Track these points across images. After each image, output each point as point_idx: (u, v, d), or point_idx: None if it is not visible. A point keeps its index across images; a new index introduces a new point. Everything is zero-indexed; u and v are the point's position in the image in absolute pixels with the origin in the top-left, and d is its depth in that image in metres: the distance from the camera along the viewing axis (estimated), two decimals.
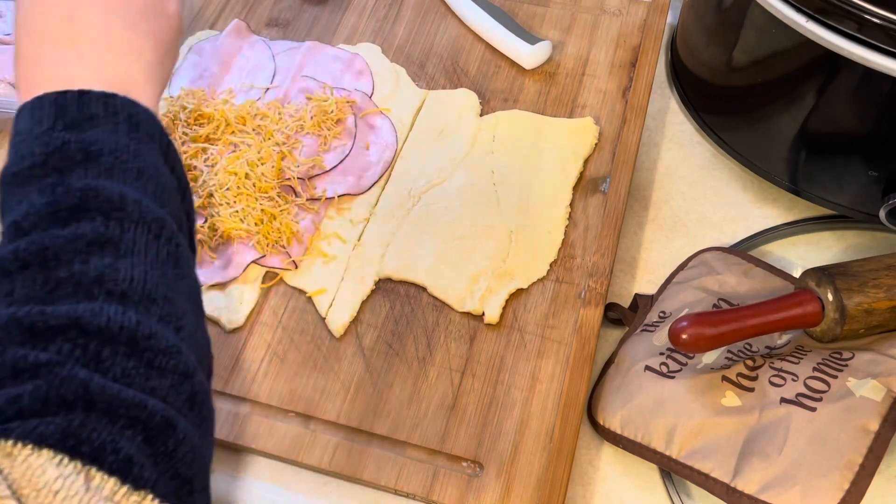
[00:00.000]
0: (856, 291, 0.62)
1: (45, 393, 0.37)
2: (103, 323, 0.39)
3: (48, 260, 0.41)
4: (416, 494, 0.61)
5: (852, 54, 0.62)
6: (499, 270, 0.70)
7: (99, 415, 0.37)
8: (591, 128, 0.78)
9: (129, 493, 0.36)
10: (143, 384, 0.40)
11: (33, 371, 0.37)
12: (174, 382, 0.41)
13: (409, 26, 0.88)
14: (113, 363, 0.39)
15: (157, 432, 0.39)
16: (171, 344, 0.41)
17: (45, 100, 0.44)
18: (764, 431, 0.60)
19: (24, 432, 0.35)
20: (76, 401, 0.37)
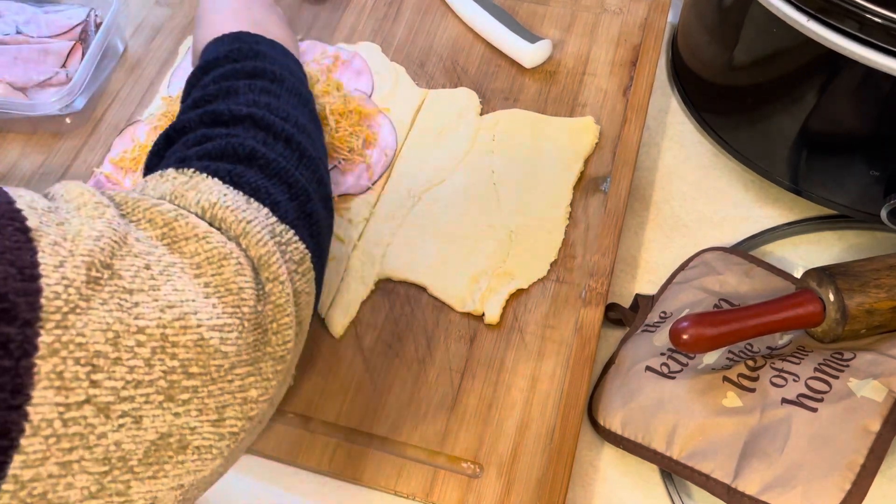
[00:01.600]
0: (857, 291, 0.62)
1: (222, 147, 0.49)
2: (271, 121, 0.52)
3: (230, 93, 0.55)
4: (415, 495, 0.61)
5: (853, 54, 0.62)
6: (499, 270, 0.70)
7: (258, 169, 0.48)
8: (591, 127, 0.78)
9: (278, 222, 0.46)
10: (294, 166, 0.51)
11: (216, 137, 0.50)
12: (313, 179, 0.52)
13: (409, 25, 0.88)
14: (275, 146, 0.51)
15: (299, 195, 0.49)
16: (316, 156, 0.53)
17: (226, 35, 0.61)
18: (765, 432, 0.60)
19: (202, 167, 0.47)
20: (244, 157, 0.49)
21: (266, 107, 0.54)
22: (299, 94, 0.58)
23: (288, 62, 0.61)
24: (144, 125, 0.79)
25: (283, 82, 0.58)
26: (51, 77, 0.81)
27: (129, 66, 0.86)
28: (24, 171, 0.78)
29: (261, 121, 0.52)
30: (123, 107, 0.83)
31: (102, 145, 0.80)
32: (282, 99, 0.56)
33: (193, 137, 0.50)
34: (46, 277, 0.35)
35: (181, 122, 0.53)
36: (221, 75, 0.57)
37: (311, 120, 0.58)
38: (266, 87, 0.56)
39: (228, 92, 0.55)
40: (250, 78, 0.57)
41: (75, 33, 0.84)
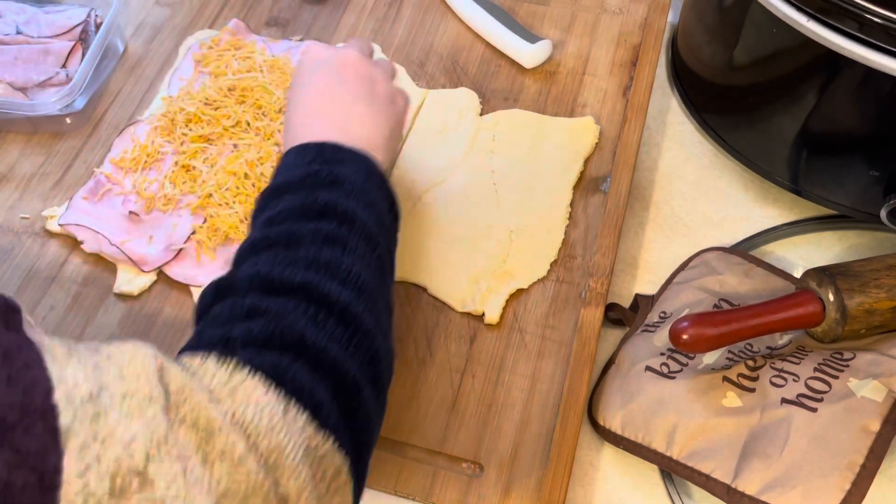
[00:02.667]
0: (857, 291, 0.62)
1: (270, 331, 0.46)
2: (325, 291, 0.49)
3: (291, 242, 0.52)
4: (415, 495, 0.61)
5: (853, 54, 0.62)
6: (499, 270, 0.70)
7: (304, 362, 0.45)
8: (591, 127, 0.78)
9: (316, 431, 0.43)
10: (344, 350, 0.48)
11: (264, 314, 0.47)
12: (365, 359, 0.49)
13: (409, 25, 0.88)
14: (326, 325, 0.48)
15: (346, 391, 0.46)
16: (370, 328, 0.50)
17: (310, 145, 0.59)
18: (765, 432, 0.60)
19: (245, 359, 0.43)
20: (292, 345, 0.46)
21: (326, 267, 0.50)
22: (369, 236, 0.55)
23: (367, 187, 0.58)
24: (145, 125, 0.79)
25: (354, 223, 0.54)
26: (51, 77, 0.81)
27: (130, 66, 0.86)
28: (25, 171, 0.78)
29: (315, 291, 0.49)
30: (124, 107, 0.83)
31: (103, 145, 0.80)
32: (348, 248, 0.53)
33: (241, 305, 0.48)
34: (68, 485, 0.34)
35: (232, 279, 0.51)
36: (290, 211, 0.54)
37: (376, 271, 0.54)
38: (333, 233, 0.53)
39: (290, 241, 0.52)
40: (319, 219, 0.53)
41: (75, 33, 0.84)
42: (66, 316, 0.69)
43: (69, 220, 0.73)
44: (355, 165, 0.58)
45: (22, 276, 0.72)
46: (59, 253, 0.73)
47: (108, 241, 0.71)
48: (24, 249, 0.73)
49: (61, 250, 0.73)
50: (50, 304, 0.70)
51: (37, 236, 0.74)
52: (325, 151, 0.58)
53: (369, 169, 0.59)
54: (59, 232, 0.73)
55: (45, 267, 0.72)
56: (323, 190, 0.55)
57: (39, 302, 0.70)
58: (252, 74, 0.79)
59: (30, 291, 0.71)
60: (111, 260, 0.72)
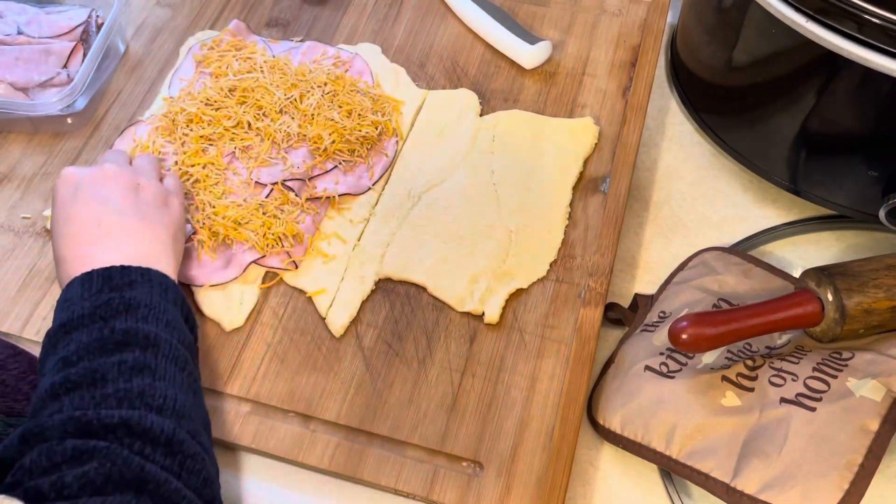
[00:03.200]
0: (856, 291, 0.62)
1: (108, 471, 0.44)
2: (147, 425, 0.47)
3: (96, 381, 0.49)
4: (416, 494, 0.61)
5: (852, 54, 0.62)
6: (499, 270, 0.70)
7: (146, 498, 0.44)
8: (590, 128, 0.78)
9: None
10: (178, 480, 0.47)
11: (93, 453, 0.45)
12: (199, 485, 0.48)
13: (409, 26, 0.88)
14: (155, 458, 0.47)
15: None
16: (197, 452, 0.49)
17: (94, 273, 0.56)
18: (764, 431, 0.60)
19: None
20: (132, 481, 0.44)
21: (140, 398, 0.49)
22: (176, 357, 0.53)
23: (164, 305, 0.56)
24: (145, 125, 0.79)
25: (158, 347, 0.53)
26: (52, 77, 0.81)
27: (131, 67, 0.86)
28: (26, 172, 0.78)
29: (136, 426, 0.47)
30: (124, 107, 0.83)
31: (104, 145, 0.80)
32: (157, 374, 0.51)
33: (62, 451, 0.45)
34: None
35: (40, 426, 0.47)
36: (87, 348, 0.51)
37: (189, 390, 0.53)
38: (138, 362, 0.51)
39: (94, 380, 0.50)
40: (121, 350, 0.51)
41: (77, 34, 0.85)
42: None
43: None
44: (147, 285, 0.56)
45: (23, 275, 0.72)
46: None
47: None
48: (26, 249, 0.74)
49: None
50: (51, 303, 0.70)
51: (38, 236, 0.74)
52: (113, 276, 0.56)
53: (163, 286, 0.57)
54: None
55: (46, 267, 0.72)
56: (118, 318, 0.53)
57: (40, 302, 0.70)
58: (253, 75, 0.79)
59: (31, 291, 0.71)
60: None
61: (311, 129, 0.76)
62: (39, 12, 0.86)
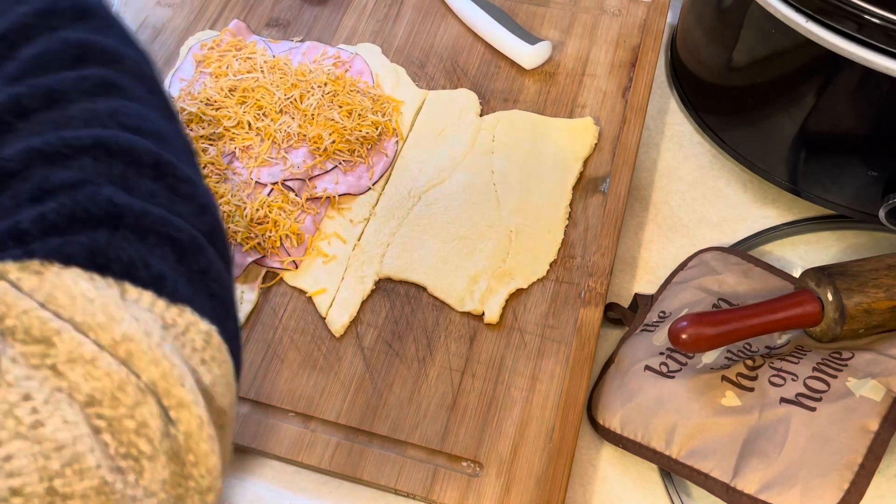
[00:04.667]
0: (855, 291, 0.62)
1: (70, 209, 0.35)
2: (126, 144, 0.38)
3: (55, 101, 0.39)
4: (416, 494, 0.61)
5: (852, 54, 0.62)
6: (499, 270, 0.70)
7: (126, 232, 0.36)
8: (590, 128, 0.78)
9: (167, 307, 0.35)
10: (170, 207, 0.38)
11: (57, 191, 0.36)
12: (195, 211, 0.40)
13: (409, 26, 0.88)
14: (138, 183, 0.38)
15: (187, 250, 0.37)
16: (189, 176, 0.40)
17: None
18: (764, 431, 0.60)
19: (49, 250, 0.33)
20: (103, 217, 0.35)
21: (111, 117, 0.39)
22: (143, 76, 0.43)
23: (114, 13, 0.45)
24: None
25: (124, 63, 0.43)
26: None
27: None
28: None
29: (113, 146, 0.38)
30: None
31: None
32: (127, 94, 0.41)
33: (26, 190, 0.36)
34: None
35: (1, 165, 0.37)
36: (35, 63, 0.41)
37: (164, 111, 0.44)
38: (103, 78, 0.41)
39: (52, 99, 0.39)
40: (78, 66, 0.41)
41: None
42: None
43: None
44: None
45: None
46: None
47: None
48: None
49: None
50: None
51: None
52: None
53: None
54: None
55: None
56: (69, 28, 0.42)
57: None
58: (253, 75, 0.79)
59: None
60: None
61: (311, 129, 0.76)
62: None
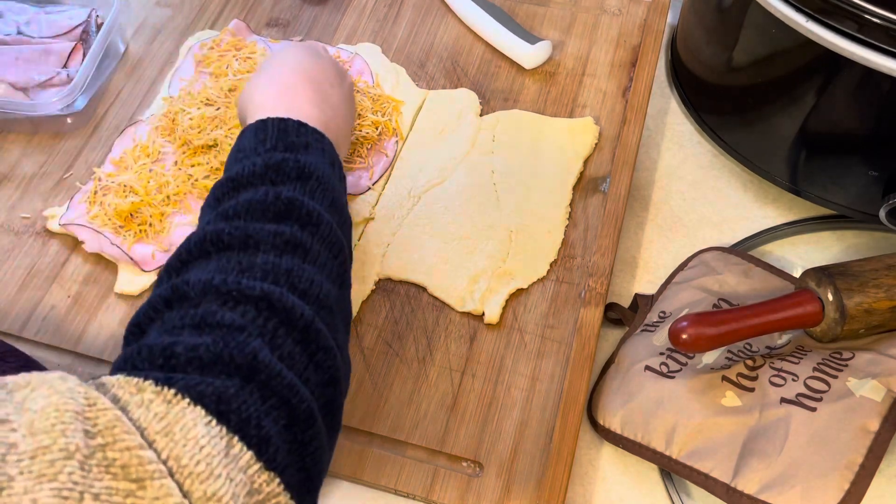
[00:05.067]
0: (856, 291, 0.62)
1: (219, 350, 0.40)
2: (288, 304, 0.44)
3: (248, 246, 0.46)
4: (416, 494, 0.61)
5: (852, 54, 0.62)
6: (499, 270, 0.70)
7: (255, 387, 0.40)
8: (591, 128, 0.78)
9: (260, 471, 0.38)
10: (301, 372, 0.43)
11: (216, 327, 0.42)
12: (323, 381, 0.44)
13: (409, 26, 0.88)
14: (284, 342, 0.43)
15: (299, 420, 0.41)
16: (331, 346, 0.45)
17: (269, 123, 0.53)
18: (764, 431, 0.60)
19: (187, 386, 0.38)
20: (242, 367, 0.40)
21: (286, 276, 0.45)
22: (332, 241, 0.50)
23: (332, 181, 0.53)
24: (145, 125, 0.79)
25: (318, 227, 0.49)
26: (52, 77, 0.81)
27: (130, 67, 0.86)
28: (26, 172, 0.78)
29: (277, 303, 0.43)
30: (124, 107, 0.83)
31: (104, 145, 0.80)
32: (310, 256, 0.48)
33: (192, 315, 0.43)
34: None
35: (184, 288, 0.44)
36: (247, 207, 0.48)
37: (338, 280, 0.49)
38: (295, 238, 0.48)
39: (246, 244, 0.46)
40: (280, 220, 0.48)
41: (76, 34, 0.84)
42: (67, 316, 0.70)
43: (70, 220, 0.73)
44: (320, 154, 0.53)
45: (23, 275, 0.72)
46: (59, 252, 0.73)
47: (109, 240, 0.71)
48: (25, 249, 0.74)
49: (62, 250, 0.73)
50: (51, 303, 0.70)
51: (38, 236, 0.74)
52: (289, 132, 0.53)
53: (333, 158, 0.54)
54: (59, 231, 0.73)
55: (45, 267, 0.72)
56: (287, 185, 0.50)
57: (40, 302, 0.70)
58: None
59: (30, 291, 0.71)
60: (112, 260, 0.72)
61: None
62: (39, 12, 0.86)
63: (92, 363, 0.68)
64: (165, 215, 0.72)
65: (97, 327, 0.69)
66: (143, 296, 0.70)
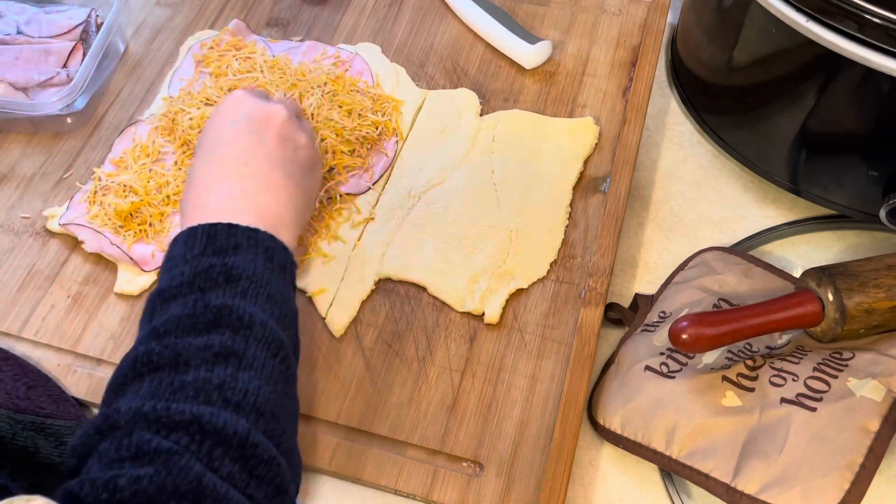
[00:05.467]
0: (856, 291, 0.62)
1: (163, 480, 0.41)
2: (220, 424, 0.44)
3: (178, 364, 0.47)
4: (416, 494, 0.61)
5: (852, 54, 0.62)
6: (499, 270, 0.70)
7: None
8: (591, 128, 0.78)
9: None
10: (244, 489, 0.44)
11: (154, 456, 0.42)
12: (269, 494, 0.45)
13: (409, 26, 0.88)
14: (222, 463, 0.43)
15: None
16: (273, 456, 0.45)
17: (199, 230, 0.53)
18: (764, 431, 0.60)
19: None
20: (188, 493, 0.41)
21: (218, 391, 0.46)
22: (270, 340, 0.50)
23: (268, 276, 0.52)
24: (145, 125, 0.79)
25: (251, 329, 0.49)
26: (52, 77, 0.81)
27: (130, 67, 0.86)
28: (26, 171, 0.78)
29: (207, 425, 0.44)
30: (124, 107, 0.83)
31: (103, 145, 0.80)
32: (244, 362, 0.48)
33: (127, 445, 0.43)
34: None
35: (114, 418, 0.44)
36: (177, 322, 0.49)
37: (279, 379, 0.49)
38: (226, 348, 0.48)
39: (177, 364, 0.47)
40: (209, 331, 0.48)
41: (76, 33, 0.84)
42: (67, 316, 0.70)
43: (70, 220, 0.73)
44: (252, 252, 0.53)
45: (22, 275, 0.72)
46: (59, 252, 0.73)
47: (109, 240, 0.71)
48: (25, 249, 0.74)
49: (62, 250, 0.73)
50: (51, 303, 0.70)
51: (37, 236, 0.74)
52: (218, 237, 0.52)
53: (269, 252, 0.53)
54: (59, 231, 0.73)
55: (45, 266, 0.72)
56: (215, 291, 0.50)
57: (40, 301, 0.70)
58: (252, 75, 0.79)
59: (30, 291, 0.71)
60: (112, 260, 0.72)
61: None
62: (39, 12, 0.86)
63: (91, 363, 0.68)
64: (165, 215, 0.72)
65: (97, 327, 0.69)
66: (143, 296, 0.70)
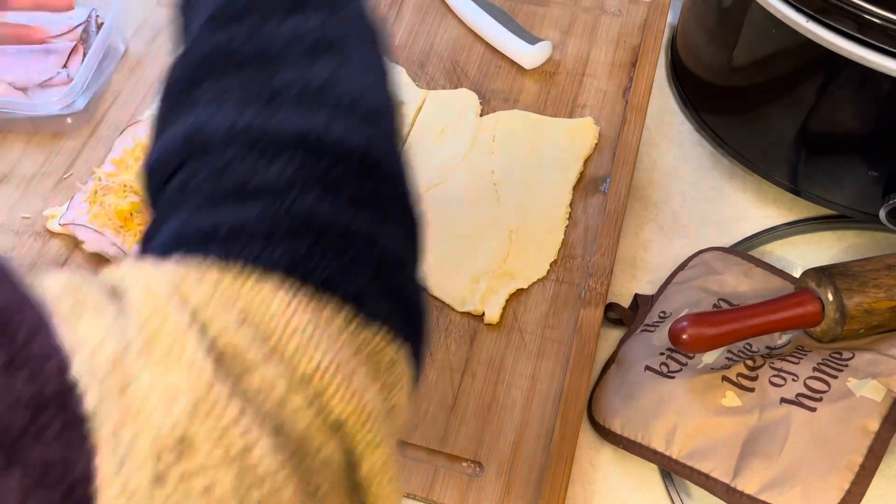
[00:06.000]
0: (856, 291, 0.62)
1: (272, 214, 0.33)
2: (333, 139, 0.35)
3: (267, 60, 0.37)
4: (416, 494, 0.61)
5: (852, 54, 0.62)
6: (499, 270, 0.70)
7: (327, 244, 0.33)
8: (591, 128, 0.78)
9: (360, 328, 0.33)
10: (373, 216, 0.36)
11: (259, 192, 0.34)
12: (398, 215, 0.38)
13: (409, 26, 0.88)
14: (343, 187, 0.35)
15: (386, 268, 0.35)
16: (398, 170, 0.38)
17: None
18: (764, 431, 0.60)
19: (252, 256, 0.32)
20: (305, 226, 0.33)
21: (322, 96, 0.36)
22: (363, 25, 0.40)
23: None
24: (146, 125, 0.79)
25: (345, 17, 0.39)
26: (52, 77, 0.81)
27: (131, 67, 0.86)
28: (26, 171, 0.78)
29: (319, 142, 0.35)
30: (125, 107, 0.83)
31: (104, 145, 0.80)
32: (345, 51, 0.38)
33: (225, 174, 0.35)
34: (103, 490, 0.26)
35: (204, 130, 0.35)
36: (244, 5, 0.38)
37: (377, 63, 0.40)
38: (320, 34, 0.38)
39: (265, 58, 0.37)
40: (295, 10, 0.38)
41: (76, 33, 0.84)
42: None
43: (70, 220, 0.73)
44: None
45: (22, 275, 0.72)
46: (60, 253, 0.73)
47: (110, 240, 0.71)
48: (25, 249, 0.74)
49: (62, 250, 0.73)
50: None
51: (38, 236, 0.74)
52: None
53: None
54: (60, 232, 0.73)
55: (46, 267, 0.72)
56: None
57: None
58: None
59: None
60: (112, 260, 0.72)
61: None
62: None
63: None
64: None
65: None
66: None
